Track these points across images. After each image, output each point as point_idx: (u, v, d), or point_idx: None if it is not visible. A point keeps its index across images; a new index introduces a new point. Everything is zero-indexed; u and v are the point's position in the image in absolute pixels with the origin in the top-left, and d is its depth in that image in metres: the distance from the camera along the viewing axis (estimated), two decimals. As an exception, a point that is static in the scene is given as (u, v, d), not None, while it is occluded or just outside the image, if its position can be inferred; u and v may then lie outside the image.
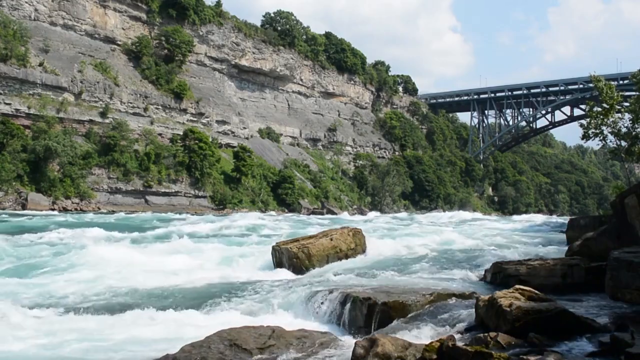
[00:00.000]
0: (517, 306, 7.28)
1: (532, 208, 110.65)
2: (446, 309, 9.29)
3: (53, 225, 28.70)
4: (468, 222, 46.50)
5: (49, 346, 8.48)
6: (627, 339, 6.15)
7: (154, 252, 19.03)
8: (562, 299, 9.18)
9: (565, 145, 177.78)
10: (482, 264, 14.78)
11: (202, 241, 22.79)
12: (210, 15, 79.26)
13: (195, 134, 66.71)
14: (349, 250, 16.81)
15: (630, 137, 23.86)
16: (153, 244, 21.68)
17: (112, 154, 58.35)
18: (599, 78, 25.05)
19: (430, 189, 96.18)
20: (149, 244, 21.68)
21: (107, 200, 57.08)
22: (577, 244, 14.37)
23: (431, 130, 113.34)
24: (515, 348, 6.35)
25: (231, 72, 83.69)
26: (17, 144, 50.87)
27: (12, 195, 48.94)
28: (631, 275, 8.40)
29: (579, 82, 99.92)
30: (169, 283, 13.53)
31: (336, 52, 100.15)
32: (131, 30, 71.24)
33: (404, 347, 6.68)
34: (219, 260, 17.77)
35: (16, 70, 54.19)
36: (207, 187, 66.52)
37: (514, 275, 11.27)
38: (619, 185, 31.75)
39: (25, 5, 60.33)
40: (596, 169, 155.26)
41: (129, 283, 13.43)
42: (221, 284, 13.38)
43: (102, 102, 61.93)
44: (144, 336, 9.14)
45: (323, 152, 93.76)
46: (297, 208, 72.20)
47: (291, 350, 7.55)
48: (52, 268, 15.33)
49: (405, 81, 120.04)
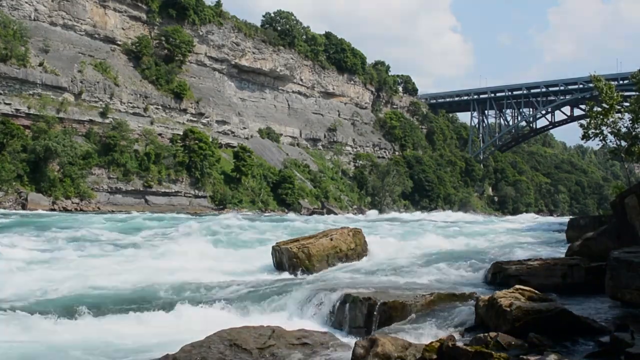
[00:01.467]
0: (517, 306, 7.28)
1: (532, 208, 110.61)
2: (446, 309, 9.29)
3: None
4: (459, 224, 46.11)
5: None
6: (627, 339, 6.15)
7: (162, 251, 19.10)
8: (562, 299, 9.19)
9: (565, 145, 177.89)
10: (482, 264, 14.77)
11: (201, 241, 22.75)
12: (210, 15, 79.26)
13: (195, 134, 66.71)
14: (349, 251, 16.81)
15: (630, 137, 23.87)
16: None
17: (112, 154, 58.35)
18: (599, 78, 25.07)
19: (430, 189, 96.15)
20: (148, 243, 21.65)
21: (107, 200, 57.09)
22: (577, 244, 14.37)
23: (431, 130, 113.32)
24: (515, 348, 6.34)
25: (231, 72, 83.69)
26: (17, 144, 50.88)
27: (12, 195, 48.96)
28: (631, 275, 8.39)
29: (579, 82, 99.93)
30: (170, 283, 13.51)
31: (336, 52, 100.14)
32: (131, 30, 71.24)
33: (404, 347, 6.68)
34: (219, 260, 17.78)
35: (16, 70, 54.20)
36: (207, 187, 66.53)
37: (514, 275, 11.26)
38: (619, 185, 31.79)
39: (25, 5, 60.32)
40: (596, 169, 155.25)
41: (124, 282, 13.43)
42: (221, 283, 13.37)
43: (102, 102, 61.93)
44: (143, 336, 9.13)
45: (323, 152, 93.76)
46: (297, 208, 72.16)
47: (291, 351, 7.55)
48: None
49: (405, 81, 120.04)
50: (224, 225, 30.93)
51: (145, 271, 15.01)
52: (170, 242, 21.76)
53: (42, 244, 20.64)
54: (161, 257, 17.84)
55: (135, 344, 8.74)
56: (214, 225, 30.39)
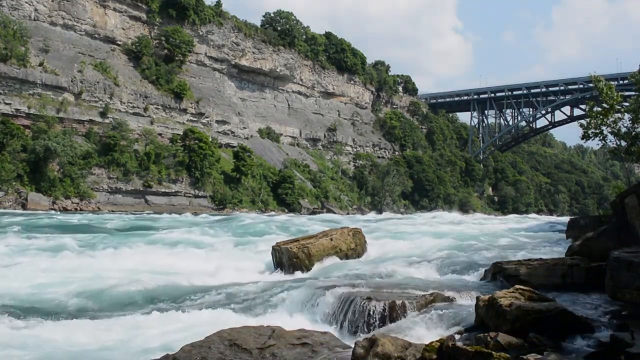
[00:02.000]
0: (517, 306, 7.28)
1: (532, 208, 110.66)
2: (446, 308, 9.29)
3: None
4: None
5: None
6: (627, 339, 6.15)
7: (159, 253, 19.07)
8: (562, 299, 9.18)
9: (565, 145, 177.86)
10: (482, 264, 14.76)
11: (201, 241, 22.77)
12: (210, 15, 79.26)
13: (195, 134, 66.73)
14: (349, 250, 16.82)
15: (630, 137, 23.81)
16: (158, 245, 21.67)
17: (112, 153, 58.35)
18: (599, 78, 25.00)
19: (430, 189, 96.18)
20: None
21: (107, 200, 57.09)
22: (577, 244, 14.35)
23: (431, 130, 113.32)
24: (515, 348, 6.34)
25: (231, 72, 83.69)
26: (17, 144, 50.89)
27: (12, 195, 48.98)
28: (631, 275, 8.39)
29: (579, 82, 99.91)
30: (170, 283, 13.51)
31: (336, 52, 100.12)
32: (131, 30, 71.24)
33: (404, 347, 6.68)
34: (219, 260, 17.77)
35: (16, 70, 54.20)
36: (207, 187, 66.53)
37: (514, 275, 11.25)
38: (619, 185, 31.75)
39: (25, 5, 60.32)
40: (596, 169, 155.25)
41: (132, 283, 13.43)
42: (221, 283, 13.37)
43: (102, 102, 61.94)
44: (143, 336, 9.14)
45: (323, 152, 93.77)
46: (297, 208, 72.19)
47: (291, 351, 7.54)
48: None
49: (405, 81, 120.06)
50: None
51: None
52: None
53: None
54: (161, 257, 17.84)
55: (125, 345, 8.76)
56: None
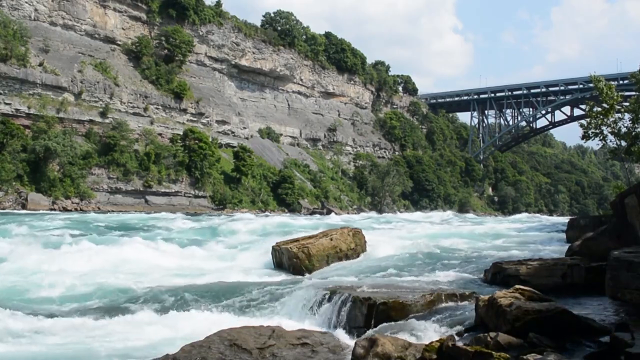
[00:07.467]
0: (517, 306, 7.28)
1: (532, 208, 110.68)
2: (446, 309, 9.29)
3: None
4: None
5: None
6: (627, 339, 6.15)
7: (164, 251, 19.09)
8: (562, 299, 9.17)
9: (565, 145, 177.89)
10: (482, 264, 14.76)
11: (201, 241, 22.77)
12: (210, 15, 79.26)
13: (195, 134, 66.71)
14: (349, 250, 16.81)
15: (630, 137, 23.84)
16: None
17: (112, 154, 58.33)
18: (599, 78, 25.02)
19: (430, 189, 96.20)
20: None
21: (107, 200, 57.08)
22: (577, 244, 14.37)
23: (431, 130, 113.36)
24: (515, 348, 6.34)
25: (231, 72, 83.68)
26: (17, 144, 50.87)
27: (12, 195, 48.95)
28: (631, 275, 8.39)
29: (579, 82, 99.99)
30: (170, 283, 13.51)
31: (336, 52, 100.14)
32: (131, 30, 71.24)
33: (404, 347, 6.69)
34: (219, 260, 17.77)
35: (16, 70, 54.18)
36: (207, 187, 66.51)
37: (514, 275, 11.26)
38: (619, 185, 31.76)
39: (25, 5, 60.31)
40: (596, 169, 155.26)
41: (130, 282, 13.44)
42: (221, 284, 13.36)
43: (102, 102, 61.92)
44: (142, 336, 9.14)
45: (323, 152, 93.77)
46: (297, 208, 72.20)
47: (291, 350, 7.55)
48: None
49: (405, 81, 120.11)
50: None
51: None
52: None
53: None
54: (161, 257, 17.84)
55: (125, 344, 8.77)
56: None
